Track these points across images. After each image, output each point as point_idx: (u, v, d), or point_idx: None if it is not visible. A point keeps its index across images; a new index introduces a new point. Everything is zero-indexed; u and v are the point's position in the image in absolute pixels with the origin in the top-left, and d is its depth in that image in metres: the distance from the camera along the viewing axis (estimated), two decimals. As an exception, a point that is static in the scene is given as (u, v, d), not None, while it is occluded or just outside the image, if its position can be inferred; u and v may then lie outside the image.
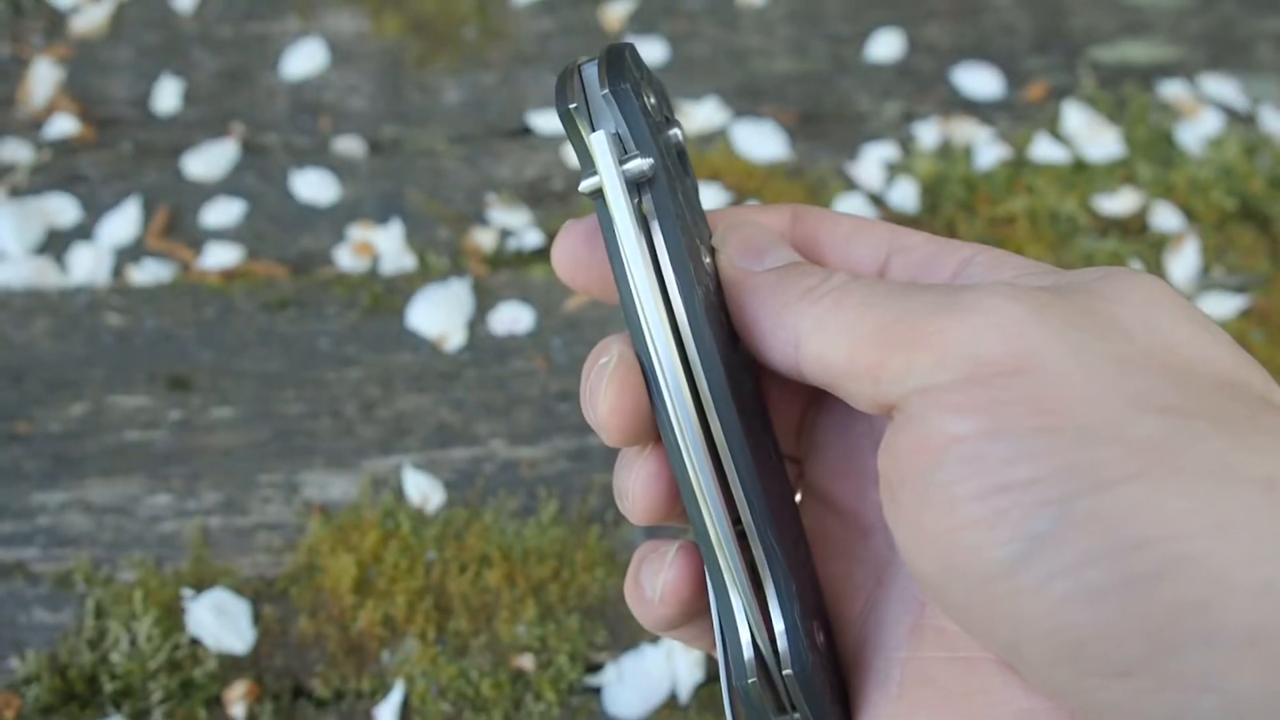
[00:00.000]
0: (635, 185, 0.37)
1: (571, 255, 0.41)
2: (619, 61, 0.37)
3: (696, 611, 0.40)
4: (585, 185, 0.37)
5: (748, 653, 0.36)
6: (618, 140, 0.37)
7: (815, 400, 0.44)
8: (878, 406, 0.34)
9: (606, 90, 0.37)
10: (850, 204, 1.08)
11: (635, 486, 0.39)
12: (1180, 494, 0.28)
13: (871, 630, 0.39)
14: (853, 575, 0.41)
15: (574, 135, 0.37)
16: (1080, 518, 0.29)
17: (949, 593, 0.32)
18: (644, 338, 0.37)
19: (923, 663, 0.37)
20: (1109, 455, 0.29)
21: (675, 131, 0.40)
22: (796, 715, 0.37)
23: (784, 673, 0.36)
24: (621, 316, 0.38)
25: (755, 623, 0.36)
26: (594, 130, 0.37)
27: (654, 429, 0.38)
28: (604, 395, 0.38)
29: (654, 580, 0.39)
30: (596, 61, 0.37)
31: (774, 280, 0.37)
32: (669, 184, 0.37)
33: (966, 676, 0.35)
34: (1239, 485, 0.28)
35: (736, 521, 0.37)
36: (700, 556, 0.38)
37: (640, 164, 0.36)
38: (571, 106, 0.37)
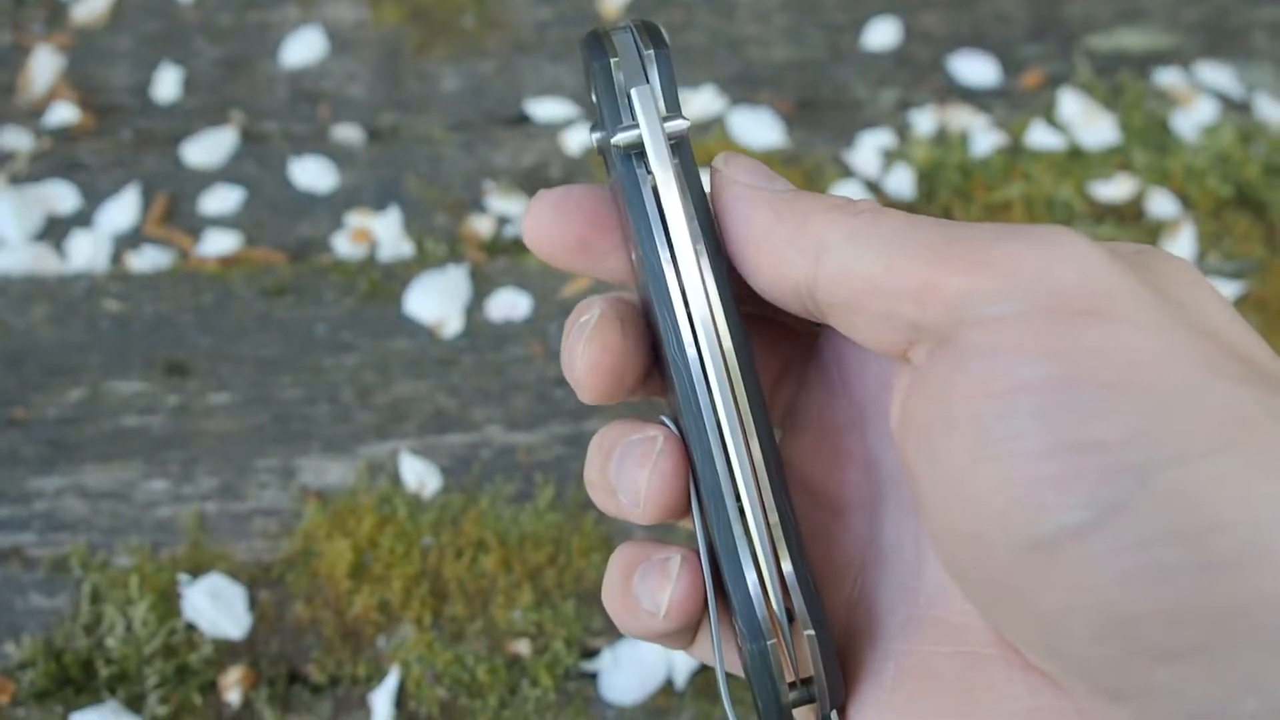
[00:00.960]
0: (671, 145, 0.35)
1: (544, 223, 0.38)
2: (657, 30, 0.37)
3: (696, 624, 0.37)
4: (623, 138, 0.35)
5: (760, 610, 0.34)
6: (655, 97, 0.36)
7: (792, 373, 0.41)
8: (911, 336, 0.31)
9: (651, 51, 0.36)
10: (847, 191, 1.08)
11: (652, 483, 0.36)
12: (1266, 474, 0.26)
13: (861, 619, 0.37)
14: (832, 559, 0.38)
15: (607, 91, 0.36)
16: (1161, 490, 0.26)
17: (991, 554, 0.29)
18: (669, 296, 0.35)
19: (921, 655, 0.34)
20: (1192, 424, 0.27)
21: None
22: (807, 689, 0.35)
23: (806, 633, 0.34)
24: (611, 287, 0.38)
25: (772, 582, 0.34)
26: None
27: (630, 389, 0.37)
28: (583, 352, 0.36)
29: (656, 595, 0.36)
30: (629, 28, 0.37)
31: (792, 195, 0.34)
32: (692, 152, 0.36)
33: (969, 671, 0.33)
34: None
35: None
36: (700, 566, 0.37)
37: (680, 124, 0.35)
38: (613, 60, 0.36)
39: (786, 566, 0.34)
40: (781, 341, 0.41)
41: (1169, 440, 0.27)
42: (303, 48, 1.21)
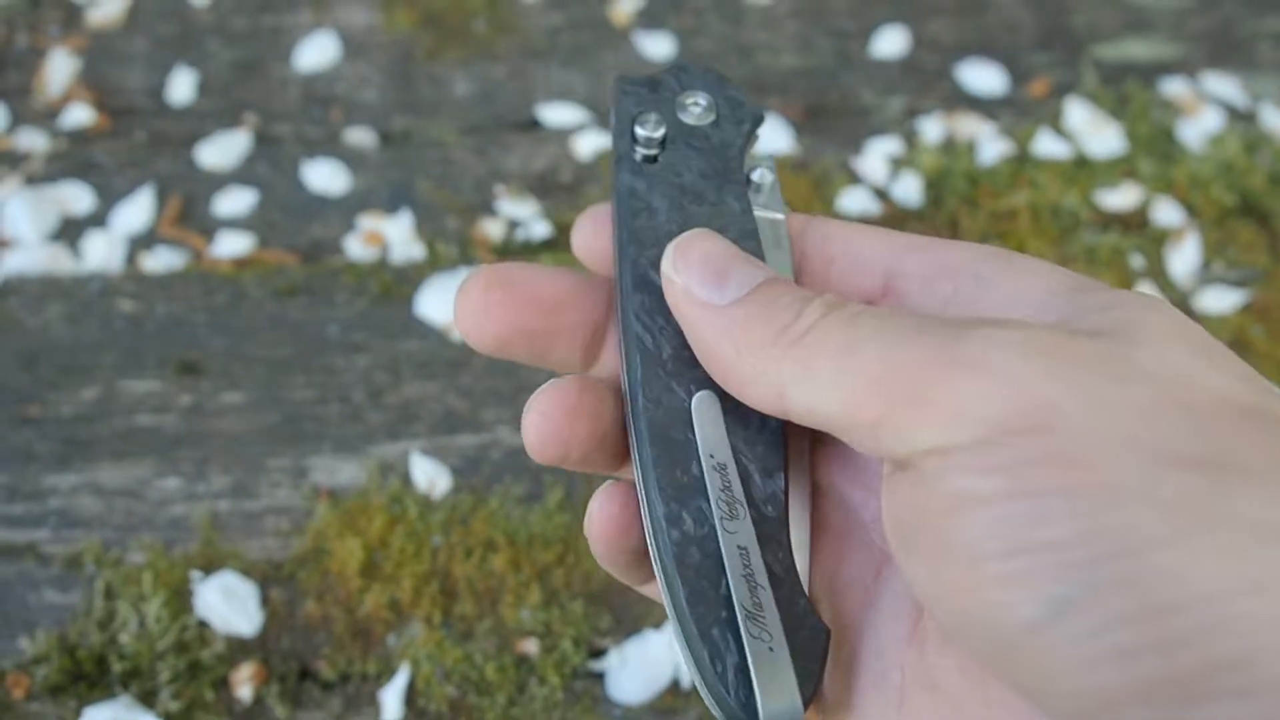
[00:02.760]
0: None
1: (586, 238, 0.41)
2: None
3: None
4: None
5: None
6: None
7: None
8: (880, 456, 0.33)
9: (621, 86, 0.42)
10: (855, 198, 1.09)
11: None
12: (1213, 556, 0.27)
13: (869, 628, 0.37)
14: (850, 566, 0.39)
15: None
16: (1110, 582, 0.28)
17: (969, 640, 0.31)
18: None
19: (928, 669, 0.35)
20: (1139, 517, 0.28)
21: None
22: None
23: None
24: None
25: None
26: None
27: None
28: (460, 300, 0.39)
29: (593, 507, 0.39)
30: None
31: (742, 316, 0.35)
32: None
33: (981, 689, 0.34)
34: (1273, 542, 0.27)
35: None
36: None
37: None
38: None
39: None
40: None
41: (1117, 534, 0.28)
42: (316, 51, 1.22)
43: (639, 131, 0.40)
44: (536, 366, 0.40)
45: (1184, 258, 1.05)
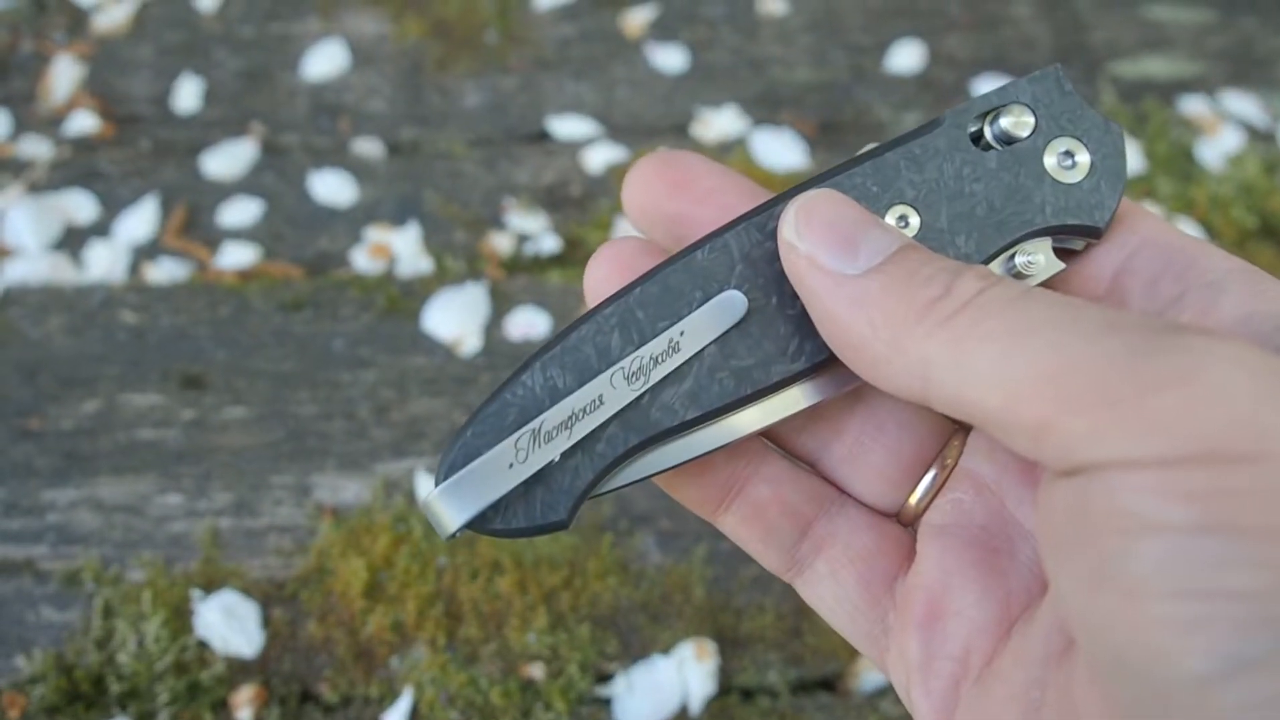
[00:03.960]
0: None
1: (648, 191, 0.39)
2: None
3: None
4: None
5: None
6: None
7: None
8: (1039, 460, 0.29)
9: None
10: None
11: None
12: None
13: (1017, 635, 0.35)
14: (1009, 583, 0.37)
15: None
16: None
17: (1118, 681, 0.27)
18: None
19: (1073, 701, 0.32)
20: None
21: None
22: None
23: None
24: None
25: None
26: None
27: None
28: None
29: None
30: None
31: (879, 289, 0.31)
32: None
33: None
34: None
35: None
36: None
37: None
38: None
39: None
40: None
41: None
42: (324, 61, 1.20)
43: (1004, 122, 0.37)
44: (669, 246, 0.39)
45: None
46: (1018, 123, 0.37)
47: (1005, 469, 0.38)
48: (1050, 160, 0.37)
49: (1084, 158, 0.37)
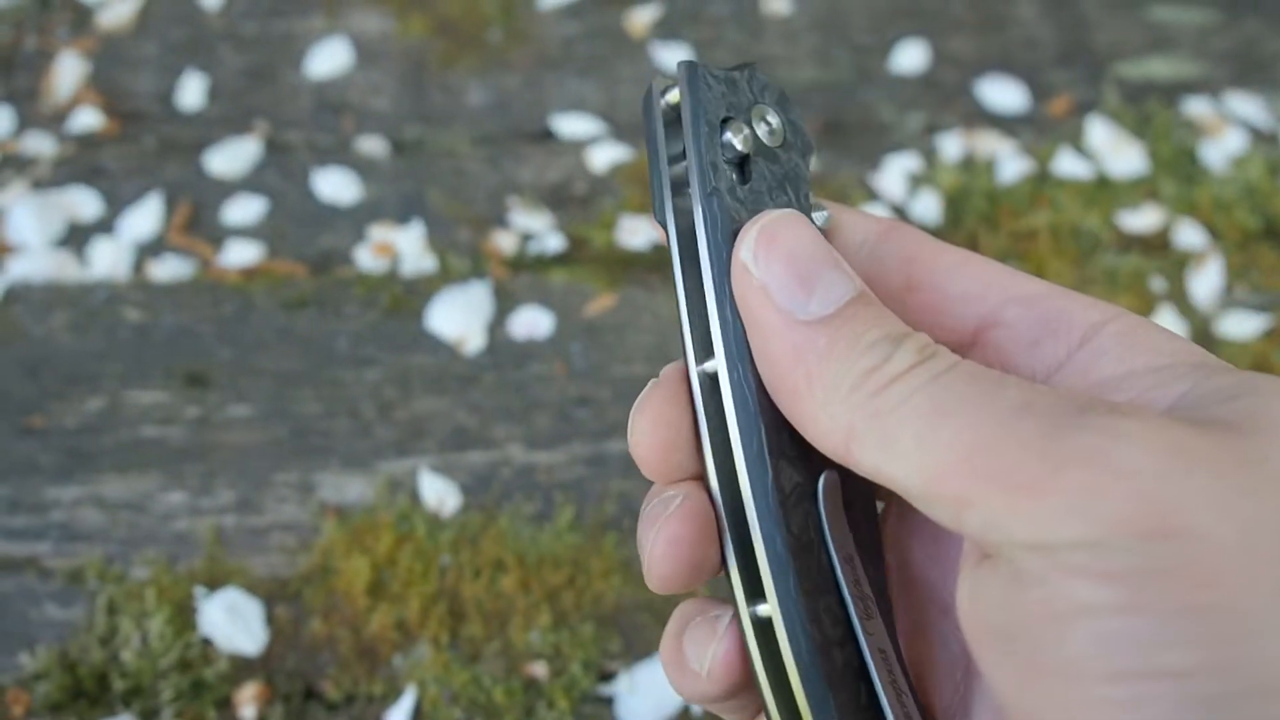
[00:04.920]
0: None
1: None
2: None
3: (745, 687, 0.34)
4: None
5: None
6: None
7: None
8: (963, 534, 0.29)
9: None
10: (873, 213, 1.08)
11: (655, 549, 0.33)
12: None
13: None
14: (936, 658, 0.36)
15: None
16: None
17: None
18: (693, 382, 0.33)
19: None
20: (1276, 652, 0.25)
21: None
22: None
23: None
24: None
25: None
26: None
27: (708, 576, 0.34)
28: (637, 423, 0.34)
29: (702, 651, 0.34)
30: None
31: (824, 345, 0.30)
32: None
33: None
34: None
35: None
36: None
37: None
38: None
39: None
40: None
41: (1251, 669, 0.25)
42: (328, 58, 1.20)
43: (730, 139, 0.34)
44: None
45: (1206, 281, 1.04)
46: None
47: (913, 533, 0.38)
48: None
49: (776, 117, 0.35)
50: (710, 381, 0.33)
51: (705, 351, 0.33)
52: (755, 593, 0.32)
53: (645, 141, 0.36)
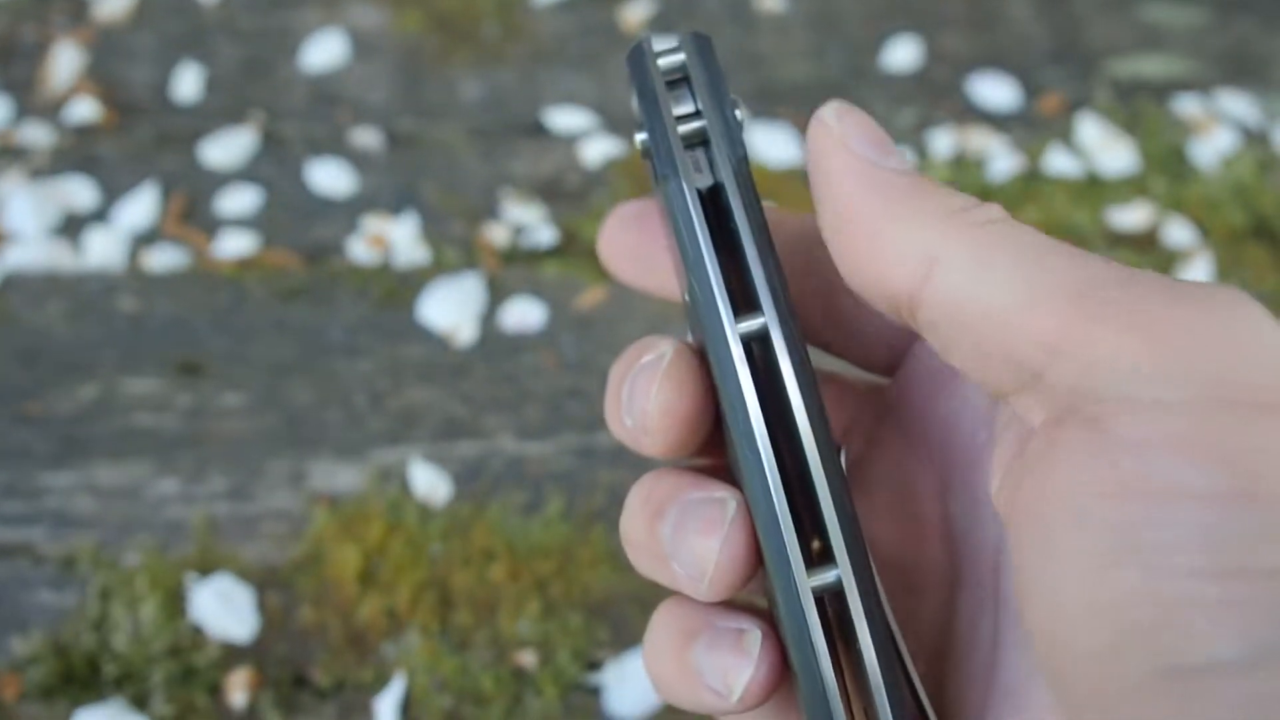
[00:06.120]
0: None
1: (622, 241, 0.35)
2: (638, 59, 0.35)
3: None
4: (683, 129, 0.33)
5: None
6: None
7: (858, 429, 0.36)
8: (1028, 383, 0.26)
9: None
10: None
11: (723, 557, 0.30)
12: None
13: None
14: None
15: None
16: None
17: (1112, 671, 0.24)
18: (733, 367, 0.30)
19: None
20: None
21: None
22: None
23: None
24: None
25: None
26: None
27: (702, 443, 0.33)
28: (656, 394, 0.31)
29: (729, 675, 0.30)
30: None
31: (908, 183, 0.28)
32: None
33: None
34: None
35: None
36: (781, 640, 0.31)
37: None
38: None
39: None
40: (844, 396, 0.37)
41: None
42: (324, 51, 1.21)
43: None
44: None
45: (1195, 279, 1.04)
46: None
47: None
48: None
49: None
50: (759, 341, 0.30)
51: (746, 311, 0.30)
52: (817, 561, 0.30)
53: (637, 101, 0.35)
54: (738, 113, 0.34)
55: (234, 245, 1.05)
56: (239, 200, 1.08)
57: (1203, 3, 1.30)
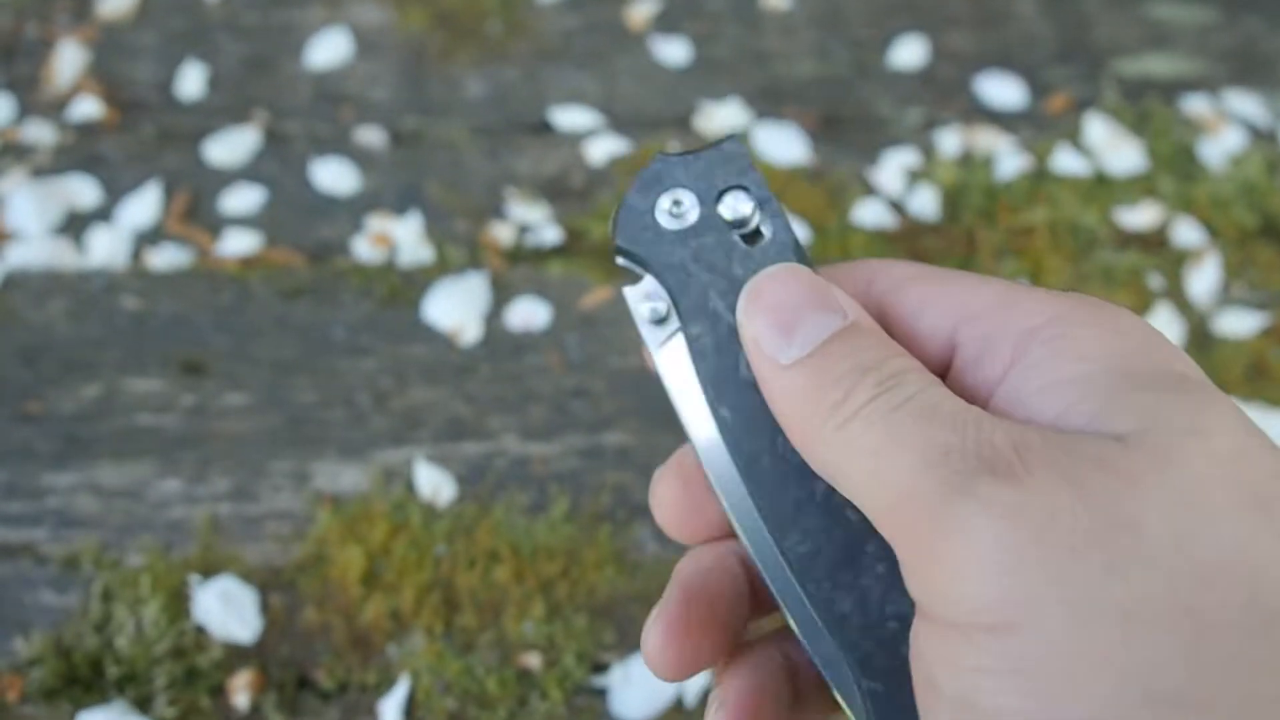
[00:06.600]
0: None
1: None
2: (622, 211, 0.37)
3: None
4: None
5: None
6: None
7: None
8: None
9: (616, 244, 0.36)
10: (870, 210, 1.08)
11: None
12: None
13: None
14: None
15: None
16: None
17: None
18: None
19: None
20: None
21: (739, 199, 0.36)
22: None
23: None
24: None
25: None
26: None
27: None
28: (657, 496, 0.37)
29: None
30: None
31: (800, 384, 0.31)
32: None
33: None
34: None
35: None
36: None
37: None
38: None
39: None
40: None
41: None
42: (327, 49, 1.20)
43: (738, 215, 0.36)
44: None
45: (1203, 279, 1.04)
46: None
47: None
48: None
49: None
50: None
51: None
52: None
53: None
54: (732, 211, 0.36)
55: (237, 244, 1.04)
56: (242, 199, 1.08)
57: (1210, 1, 1.29)
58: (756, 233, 0.36)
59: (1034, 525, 0.26)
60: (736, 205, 0.35)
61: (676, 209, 0.36)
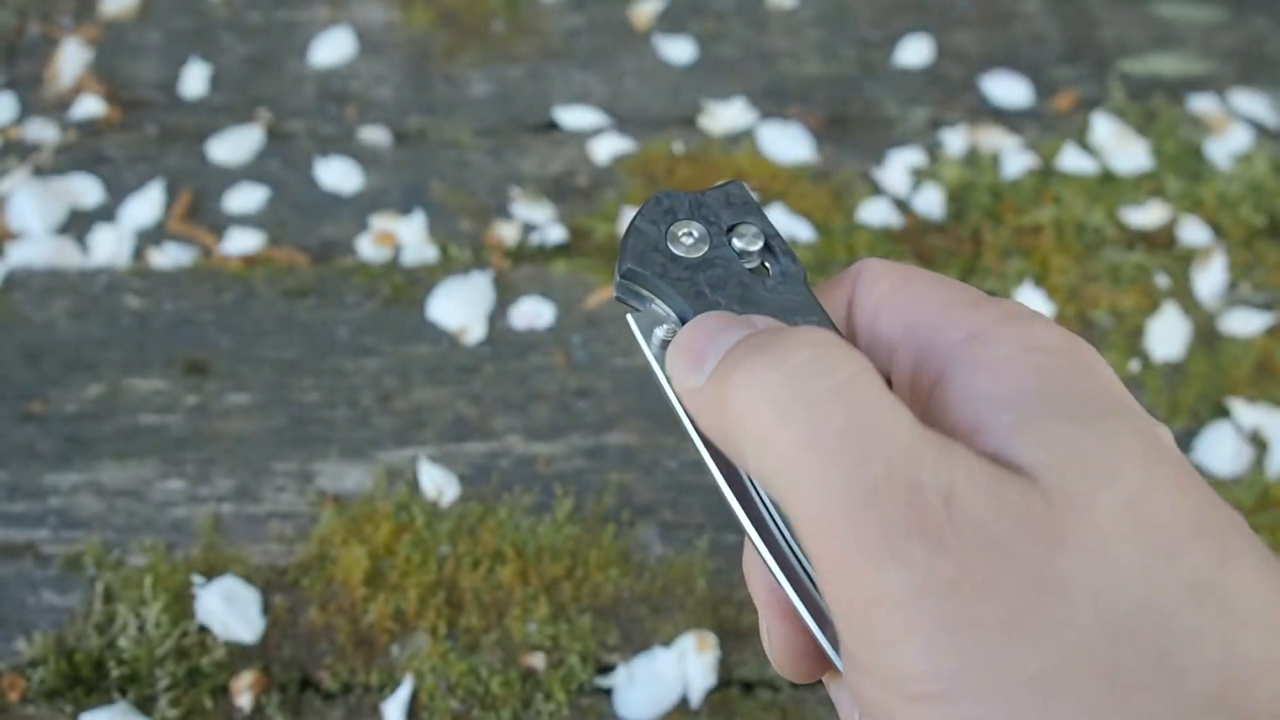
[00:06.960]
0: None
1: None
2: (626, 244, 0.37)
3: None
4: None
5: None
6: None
7: None
8: None
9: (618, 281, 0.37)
10: (875, 209, 1.07)
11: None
12: None
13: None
14: None
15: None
16: None
17: None
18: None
19: None
20: None
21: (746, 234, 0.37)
22: None
23: None
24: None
25: None
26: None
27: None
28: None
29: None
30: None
31: (710, 393, 0.31)
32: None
33: None
34: None
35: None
36: None
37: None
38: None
39: None
40: None
41: None
42: (332, 48, 1.20)
43: (743, 247, 0.37)
44: None
45: (1210, 278, 1.04)
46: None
47: None
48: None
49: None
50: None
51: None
52: None
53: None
54: (740, 245, 0.37)
55: (241, 243, 1.04)
56: (246, 198, 1.07)
57: (1216, 1, 1.29)
58: (764, 266, 0.36)
59: (966, 604, 0.26)
60: (747, 239, 0.36)
61: (688, 239, 0.36)
